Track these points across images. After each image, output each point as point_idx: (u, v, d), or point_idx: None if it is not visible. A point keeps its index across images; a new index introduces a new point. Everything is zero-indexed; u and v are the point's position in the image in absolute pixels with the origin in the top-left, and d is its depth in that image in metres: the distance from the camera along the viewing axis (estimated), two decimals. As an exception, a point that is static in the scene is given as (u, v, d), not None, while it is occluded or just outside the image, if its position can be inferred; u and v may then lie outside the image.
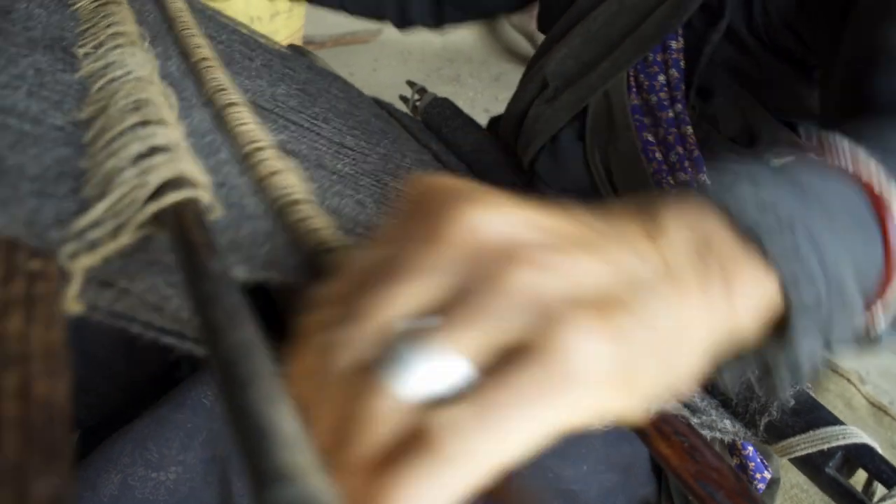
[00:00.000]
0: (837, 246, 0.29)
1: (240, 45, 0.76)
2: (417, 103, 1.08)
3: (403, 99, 1.13)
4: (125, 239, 0.25)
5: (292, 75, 0.78)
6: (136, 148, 0.29)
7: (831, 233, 0.30)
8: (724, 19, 0.69)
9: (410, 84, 1.13)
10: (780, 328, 0.28)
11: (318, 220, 0.32)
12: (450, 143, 0.97)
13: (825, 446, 0.49)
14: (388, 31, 1.25)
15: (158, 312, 0.25)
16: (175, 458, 0.46)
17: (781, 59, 0.69)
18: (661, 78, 0.74)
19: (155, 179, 0.26)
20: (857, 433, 0.49)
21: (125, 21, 0.50)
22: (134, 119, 0.32)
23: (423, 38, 1.18)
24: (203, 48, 0.54)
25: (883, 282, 0.32)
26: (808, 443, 0.50)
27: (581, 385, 0.20)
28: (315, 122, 0.66)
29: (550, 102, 0.82)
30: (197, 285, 0.21)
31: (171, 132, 0.31)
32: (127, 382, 0.59)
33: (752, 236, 0.27)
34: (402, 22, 1.09)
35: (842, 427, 0.49)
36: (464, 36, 2.42)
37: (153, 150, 0.29)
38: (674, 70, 0.74)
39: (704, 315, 0.24)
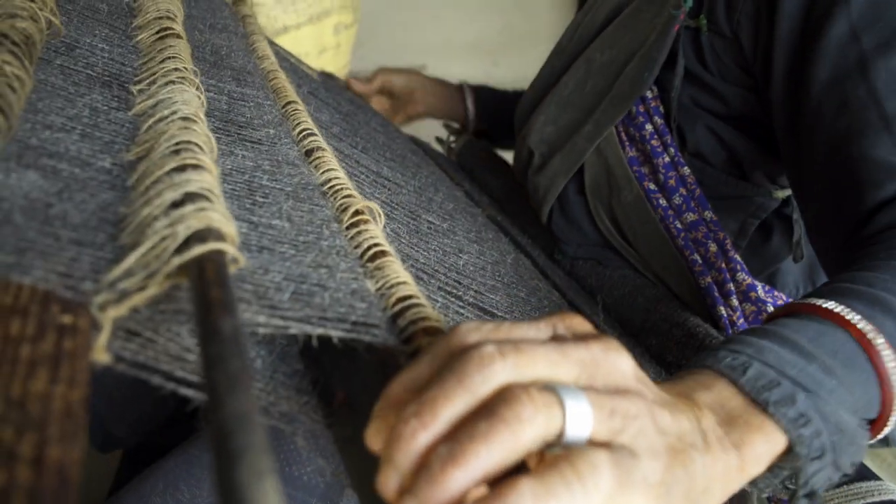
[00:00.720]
0: (838, 394, 0.38)
1: (289, 71, 0.79)
2: (453, 144, 1.11)
3: (439, 140, 1.17)
4: (153, 290, 0.27)
5: (336, 105, 0.81)
6: (171, 195, 0.31)
7: (831, 381, 0.38)
8: (680, 63, 0.73)
9: (447, 126, 1.17)
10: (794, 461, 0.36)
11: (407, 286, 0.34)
12: (482, 184, 0.99)
13: (861, 501, 0.48)
14: (432, 68, 1.30)
15: (180, 363, 0.26)
16: (206, 500, 0.48)
17: (743, 91, 0.71)
18: (649, 127, 0.77)
19: (183, 231, 0.28)
20: (893, 489, 0.48)
21: (181, 54, 0.52)
22: (172, 164, 0.34)
23: (465, 75, 1.22)
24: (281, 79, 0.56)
25: (885, 403, 0.42)
26: (844, 497, 0.49)
27: (634, 487, 0.28)
28: (355, 150, 0.68)
29: (542, 171, 0.85)
30: (206, 345, 0.22)
31: (207, 178, 0.33)
32: (167, 401, 0.61)
33: (766, 409, 0.36)
34: None
35: (878, 482, 0.48)
36: (505, 73, 2.43)
37: (186, 198, 0.30)
38: (657, 118, 0.77)
39: (723, 474, 0.33)
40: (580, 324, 0.33)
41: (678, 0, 0.72)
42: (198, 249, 0.27)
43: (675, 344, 0.69)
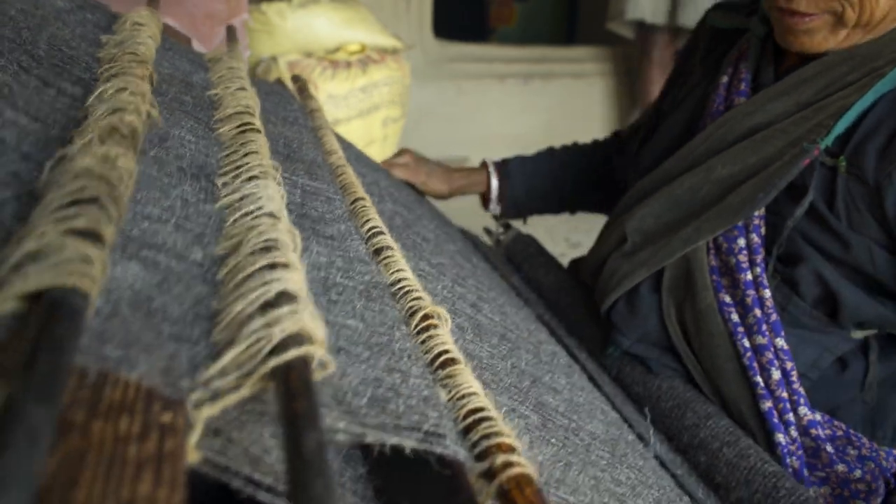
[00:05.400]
0: None
1: (354, 162, 0.82)
2: (501, 237, 1.13)
3: (487, 231, 1.19)
4: (246, 391, 0.28)
5: (397, 195, 0.83)
6: (264, 294, 0.32)
7: None
8: (808, 197, 0.73)
9: (496, 218, 1.19)
10: None
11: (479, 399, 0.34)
12: (531, 279, 1.00)
13: None
14: (476, 159, 1.34)
15: (256, 464, 0.27)
16: None
17: (866, 241, 0.71)
18: (741, 241, 0.78)
19: (279, 333, 0.29)
20: None
21: (261, 150, 0.55)
22: (263, 261, 0.35)
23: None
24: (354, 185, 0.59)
25: None
26: None
27: None
28: (417, 240, 0.69)
29: (628, 257, 0.86)
30: (290, 460, 0.23)
31: (296, 277, 0.34)
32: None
33: None
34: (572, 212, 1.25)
35: None
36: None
37: (279, 298, 0.32)
38: (754, 235, 0.77)
39: None
40: None
41: (815, 136, 0.73)
42: (293, 353, 0.28)
43: (724, 464, 0.68)
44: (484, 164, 1.20)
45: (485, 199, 1.19)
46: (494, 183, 1.16)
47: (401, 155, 1.14)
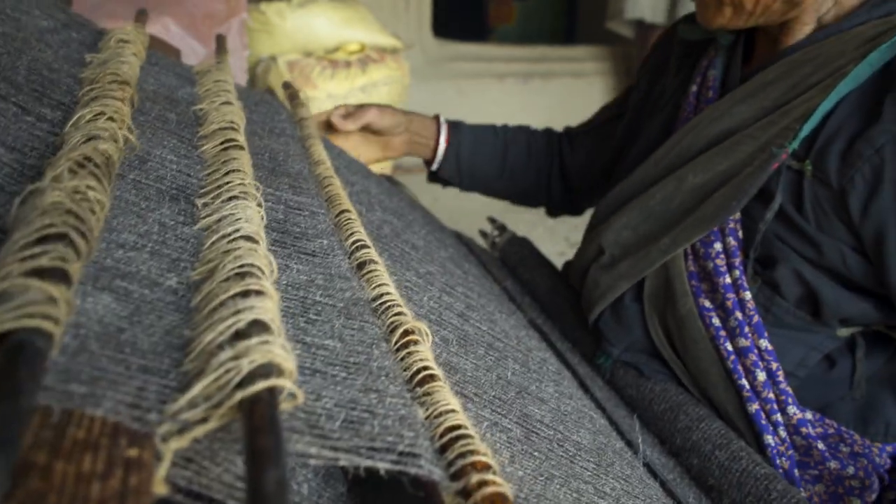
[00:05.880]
0: None
1: (343, 170, 0.82)
2: (496, 240, 1.13)
3: (483, 234, 1.19)
4: (215, 423, 0.28)
5: (387, 203, 0.83)
6: (235, 323, 0.32)
7: None
8: (776, 201, 0.74)
9: (491, 220, 1.19)
10: None
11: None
12: (525, 282, 1.00)
13: None
14: None
15: (230, 492, 0.27)
16: None
17: (836, 243, 0.71)
18: (718, 246, 0.78)
19: (247, 365, 0.29)
20: None
21: (243, 167, 0.55)
22: (236, 289, 0.35)
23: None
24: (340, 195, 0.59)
25: None
26: None
27: None
28: (405, 249, 0.69)
29: (608, 269, 0.86)
30: (251, 498, 0.23)
31: (269, 305, 0.34)
32: None
33: None
34: (551, 213, 1.24)
35: None
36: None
37: (250, 328, 0.32)
38: (730, 238, 0.78)
39: None
40: None
41: (783, 140, 0.73)
42: (259, 385, 0.28)
43: (717, 467, 0.68)
44: (436, 118, 1.14)
45: (424, 152, 1.13)
46: (443, 138, 1.11)
47: (361, 115, 1.05)
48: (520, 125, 1.20)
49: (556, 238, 2.15)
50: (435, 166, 1.13)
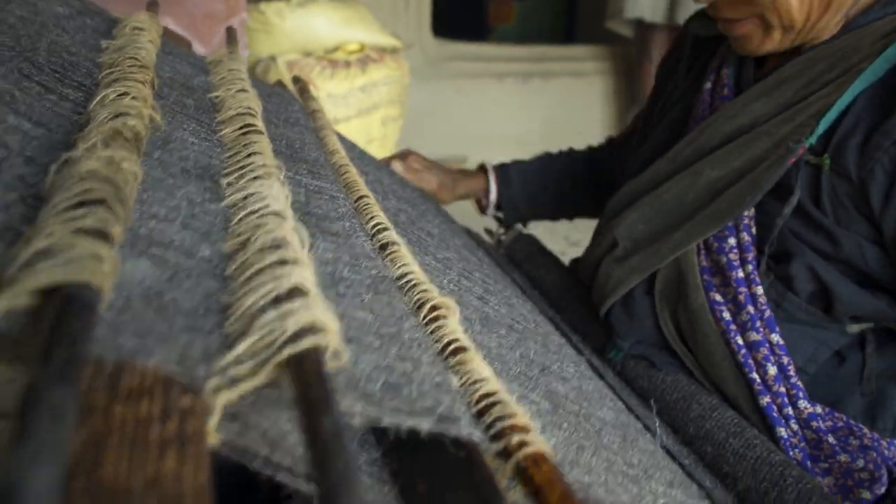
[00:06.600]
0: None
1: (357, 161, 0.82)
2: (502, 237, 1.13)
3: (489, 232, 1.19)
4: (262, 378, 0.28)
5: (401, 193, 0.83)
6: (275, 288, 0.32)
7: None
8: (795, 196, 0.73)
9: (497, 219, 1.19)
10: None
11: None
12: (533, 278, 1.01)
13: None
14: (473, 160, 1.34)
15: (274, 447, 0.27)
16: None
17: (855, 237, 0.71)
18: (732, 241, 0.78)
19: (292, 326, 0.29)
20: None
21: (264, 150, 0.55)
22: (272, 258, 0.35)
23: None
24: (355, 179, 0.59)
25: None
26: None
27: None
28: (422, 235, 0.70)
29: (620, 262, 0.87)
30: (310, 446, 0.23)
31: (306, 273, 0.34)
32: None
33: None
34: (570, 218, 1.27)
35: None
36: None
37: (291, 292, 0.32)
38: (745, 234, 0.78)
39: None
40: None
41: (799, 136, 0.73)
42: (307, 342, 0.28)
43: (731, 454, 0.68)
44: (483, 169, 1.20)
45: (481, 205, 1.20)
46: (494, 189, 1.17)
47: (407, 157, 1.14)
48: (563, 155, 1.24)
49: (556, 237, 2.15)
50: (490, 213, 1.20)
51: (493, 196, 1.17)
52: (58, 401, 0.20)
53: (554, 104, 3.46)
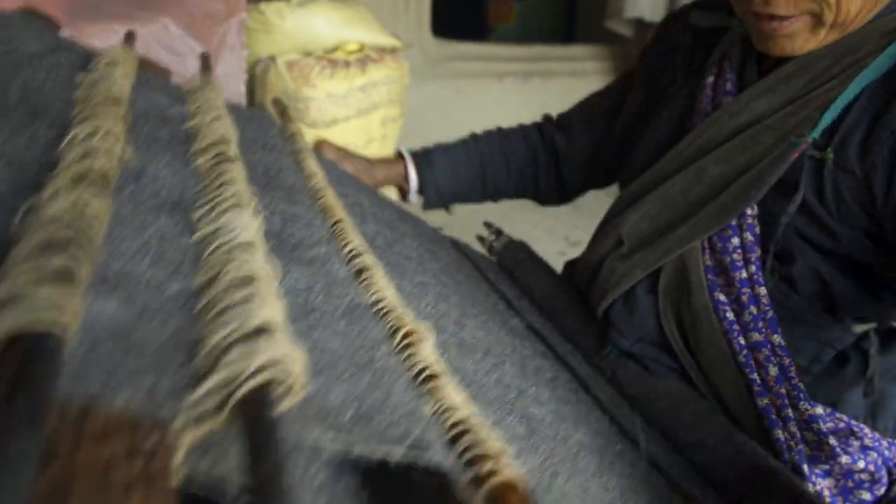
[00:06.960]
0: None
1: (335, 183, 0.83)
2: (493, 244, 1.13)
3: (480, 238, 1.19)
4: (225, 417, 0.28)
5: (380, 215, 0.84)
6: (241, 325, 0.33)
7: None
8: (800, 192, 0.73)
9: (487, 225, 1.19)
10: None
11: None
12: (523, 286, 1.00)
13: None
14: None
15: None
16: None
17: (856, 232, 0.71)
18: (735, 240, 0.78)
19: (256, 363, 0.29)
20: None
21: (237, 179, 0.56)
22: (240, 294, 0.36)
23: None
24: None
25: None
26: None
27: None
28: (400, 258, 0.70)
29: (624, 259, 0.86)
30: (248, 491, 0.24)
31: (274, 308, 0.35)
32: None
33: None
34: (540, 202, 1.23)
35: None
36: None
37: (257, 329, 0.32)
38: (748, 233, 0.77)
39: None
40: None
41: (803, 130, 0.73)
42: (262, 378, 0.29)
43: (722, 461, 0.68)
44: (400, 156, 1.18)
45: (402, 191, 1.17)
46: (412, 172, 1.14)
47: (320, 147, 1.12)
48: (491, 133, 1.20)
49: (556, 238, 2.16)
50: (413, 199, 1.16)
51: (412, 180, 1.14)
52: (19, 448, 0.20)
53: (554, 104, 3.45)
